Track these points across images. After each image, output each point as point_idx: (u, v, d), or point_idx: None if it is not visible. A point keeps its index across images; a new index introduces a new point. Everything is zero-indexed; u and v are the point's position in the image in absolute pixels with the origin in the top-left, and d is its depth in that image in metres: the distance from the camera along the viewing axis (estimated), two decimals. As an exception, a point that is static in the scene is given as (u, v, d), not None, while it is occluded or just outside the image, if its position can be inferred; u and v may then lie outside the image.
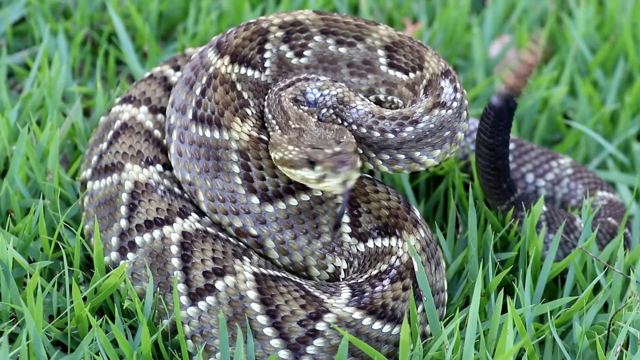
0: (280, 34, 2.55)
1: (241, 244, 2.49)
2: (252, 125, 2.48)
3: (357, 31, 2.57)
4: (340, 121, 2.50)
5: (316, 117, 2.48)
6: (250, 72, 2.52)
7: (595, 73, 3.54)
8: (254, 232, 2.48)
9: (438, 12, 3.72)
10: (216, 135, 2.47)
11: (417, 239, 2.44)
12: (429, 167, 2.51)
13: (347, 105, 2.49)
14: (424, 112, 2.46)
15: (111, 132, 2.68)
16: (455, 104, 2.50)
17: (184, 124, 2.52)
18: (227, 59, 2.50)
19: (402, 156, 2.49)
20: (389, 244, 2.44)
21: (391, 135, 2.46)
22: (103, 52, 3.34)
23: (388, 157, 2.49)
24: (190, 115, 2.51)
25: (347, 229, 2.47)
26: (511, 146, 3.06)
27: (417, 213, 2.51)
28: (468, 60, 3.59)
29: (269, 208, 2.46)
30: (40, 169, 2.74)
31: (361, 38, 2.57)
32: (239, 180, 2.46)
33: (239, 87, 2.50)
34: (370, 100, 2.55)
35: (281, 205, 2.45)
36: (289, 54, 2.56)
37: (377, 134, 2.46)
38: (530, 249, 2.64)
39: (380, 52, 2.56)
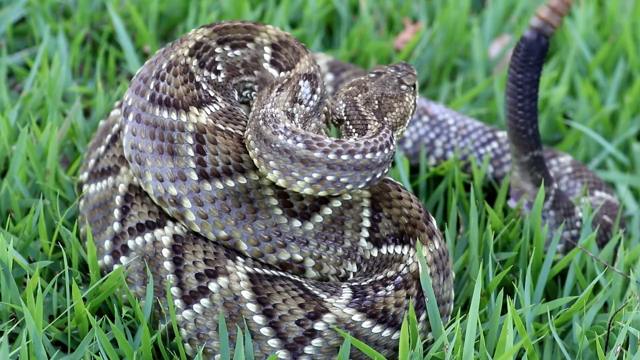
0: (195, 62, 2.54)
1: None
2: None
3: (246, 33, 2.60)
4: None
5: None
6: (213, 109, 2.50)
7: (595, 73, 3.54)
8: (298, 257, 2.47)
9: (438, 12, 3.73)
10: (242, 181, 2.43)
11: (430, 250, 2.44)
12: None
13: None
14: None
15: (109, 136, 2.68)
16: (311, 103, 2.53)
17: (193, 188, 2.45)
18: (195, 109, 2.46)
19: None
20: (401, 251, 2.44)
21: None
22: (103, 52, 3.34)
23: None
24: (196, 178, 2.45)
25: (365, 233, 2.47)
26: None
27: (435, 224, 2.51)
28: (468, 60, 3.60)
29: (309, 226, 2.46)
30: (40, 169, 2.74)
31: (251, 39, 2.60)
32: (279, 212, 2.45)
33: (223, 127, 2.47)
34: (244, 96, 2.61)
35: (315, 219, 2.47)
36: (213, 76, 2.55)
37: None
38: (535, 239, 2.64)
39: (267, 50, 2.60)
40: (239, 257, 2.43)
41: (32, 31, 3.40)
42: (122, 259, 2.50)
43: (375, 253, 2.46)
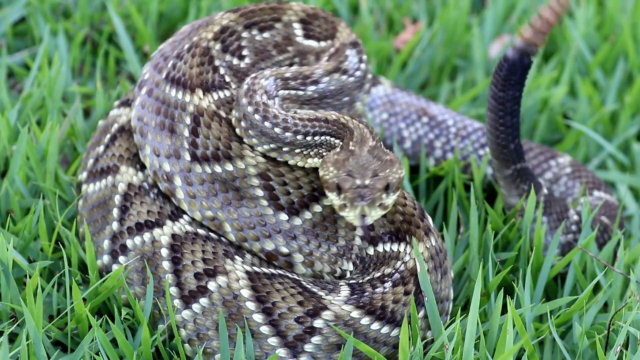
0: (218, 46, 2.57)
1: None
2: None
3: (272, 13, 2.63)
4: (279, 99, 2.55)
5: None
6: (222, 95, 2.52)
7: (595, 73, 3.54)
8: (285, 250, 2.47)
9: (438, 12, 3.73)
10: (229, 167, 2.46)
11: (427, 247, 2.44)
12: None
13: (257, 82, 2.52)
14: (324, 74, 2.56)
15: (108, 136, 2.68)
16: (358, 73, 2.60)
17: (185, 167, 2.50)
18: (200, 93, 2.50)
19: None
20: (397, 249, 2.44)
21: (300, 92, 2.55)
22: (103, 52, 3.34)
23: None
24: (188, 158, 2.50)
25: (360, 232, 2.47)
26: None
27: (431, 221, 2.51)
28: (468, 60, 3.59)
29: (297, 221, 2.46)
30: (41, 169, 2.74)
31: (278, 19, 2.63)
32: (265, 203, 2.46)
33: (223, 114, 2.50)
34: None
35: (307, 215, 2.47)
36: (235, 61, 2.58)
37: (293, 92, 2.54)
38: (536, 239, 2.64)
39: (296, 26, 2.64)
40: (237, 256, 2.43)
41: (32, 31, 3.40)
42: (121, 258, 2.50)
43: (371, 251, 2.46)
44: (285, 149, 2.46)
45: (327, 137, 2.46)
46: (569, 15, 3.79)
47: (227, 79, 2.55)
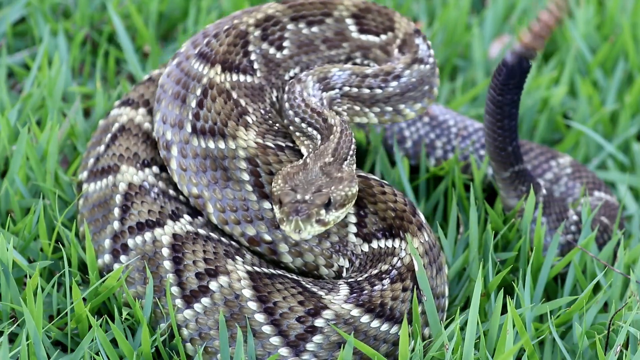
0: (258, 32, 2.59)
1: (233, 243, 2.49)
2: (255, 133, 2.49)
3: (323, 8, 2.64)
4: (338, 97, 2.57)
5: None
6: (242, 78, 2.54)
7: (595, 73, 3.54)
8: (268, 238, 2.48)
9: (438, 12, 3.73)
10: (221, 145, 2.47)
11: (421, 242, 2.44)
12: (409, 119, 2.66)
13: (327, 77, 2.55)
14: (405, 67, 2.58)
15: (109, 135, 2.68)
16: (430, 59, 2.64)
17: (184, 139, 2.52)
18: (218, 68, 2.52)
19: (390, 109, 2.61)
20: (392, 245, 2.45)
21: (379, 91, 2.57)
22: (103, 52, 3.34)
23: (378, 110, 2.61)
24: (189, 129, 2.51)
25: (353, 229, 2.47)
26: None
27: (422, 217, 2.52)
28: (468, 60, 3.60)
29: None
30: (40, 169, 2.74)
31: (328, 13, 2.63)
32: (249, 188, 2.47)
33: (234, 95, 2.51)
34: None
35: None
36: (272, 50, 2.60)
37: (366, 90, 2.56)
38: (535, 240, 2.64)
39: (349, 21, 2.64)
40: (237, 256, 2.43)
41: (32, 31, 3.40)
42: (122, 257, 2.50)
43: (366, 248, 2.46)
44: (291, 128, 2.50)
45: (314, 132, 2.47)
46: (569, 15, 3.79)
47: (256, 66, 2.56)
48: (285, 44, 2.61)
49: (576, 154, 3.31)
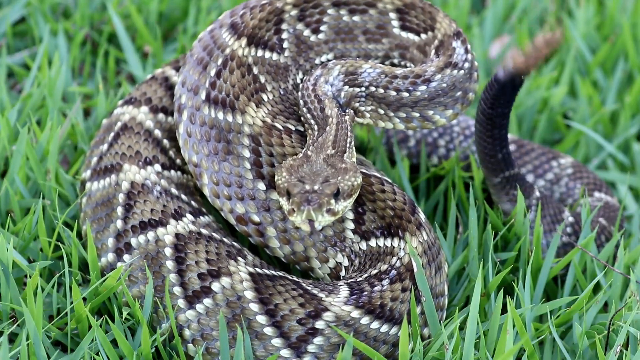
0: (294, 12, 2.57)
1: (235, 244, 2.49)
2: (267, 112, 2.48)
3: None
4: (363, 94, 2.53)
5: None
6: (267, 54, 2.53)
7: (595, 73, 3.54)
8: (256, 219, 2.47)
9: (438, 12, 3.72)
10: (229, 118, 2.47)
11: (420, 241, 2.44)
12: (440, 125, 2.58)
13: (356, 72, 2.52)
14: (436, 71, 2.52)
15: (112, 134, 2.69)
16: (466, 64, 2.56)
17: (196, 105, 2.52)
18: (244, 41, 2.52)
19: (417, 114, 2.55)
20: (391, 244, 2.44)
21: (405, 94, 2.52)
22: (103, 52, 3.34)
23: (404, 115, 2.55)
24: (203, 97, 2.51)
25: (350, 225, 2.47)
26: (512, 147, 3.06)
27: (422, 215, 2.51)
28: (468, 60, 3.59)
29: (275, 195, 2.46)
30: (40, 169, 2.74)
31: (372, 4, 2.60)
32: (247, 165, 2.46)
33: (255, 70, 2.51)
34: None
35: None
36: (306, 32, 2.58)
37: (393, 92, 2.52)
38: (535, 240, 2.64)
39: (392, 15, 2.60)
40: (239, 257, 2.43)
41: (32, 31, 3.40)
42: (126, 256, 2.50)
43: (364, 246, 2.46)
44: (299, 111, 2.50)
45: (312, 120, 2.47)
46: (569, 15, 3.79)
47: (286, 45, 2.55)
48: (323, 27, 2.58)
49: (576, 154, 3.31)
